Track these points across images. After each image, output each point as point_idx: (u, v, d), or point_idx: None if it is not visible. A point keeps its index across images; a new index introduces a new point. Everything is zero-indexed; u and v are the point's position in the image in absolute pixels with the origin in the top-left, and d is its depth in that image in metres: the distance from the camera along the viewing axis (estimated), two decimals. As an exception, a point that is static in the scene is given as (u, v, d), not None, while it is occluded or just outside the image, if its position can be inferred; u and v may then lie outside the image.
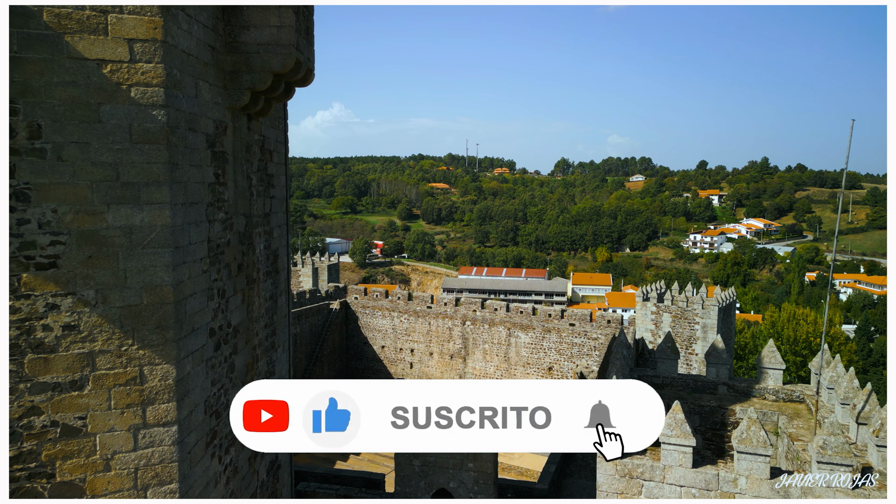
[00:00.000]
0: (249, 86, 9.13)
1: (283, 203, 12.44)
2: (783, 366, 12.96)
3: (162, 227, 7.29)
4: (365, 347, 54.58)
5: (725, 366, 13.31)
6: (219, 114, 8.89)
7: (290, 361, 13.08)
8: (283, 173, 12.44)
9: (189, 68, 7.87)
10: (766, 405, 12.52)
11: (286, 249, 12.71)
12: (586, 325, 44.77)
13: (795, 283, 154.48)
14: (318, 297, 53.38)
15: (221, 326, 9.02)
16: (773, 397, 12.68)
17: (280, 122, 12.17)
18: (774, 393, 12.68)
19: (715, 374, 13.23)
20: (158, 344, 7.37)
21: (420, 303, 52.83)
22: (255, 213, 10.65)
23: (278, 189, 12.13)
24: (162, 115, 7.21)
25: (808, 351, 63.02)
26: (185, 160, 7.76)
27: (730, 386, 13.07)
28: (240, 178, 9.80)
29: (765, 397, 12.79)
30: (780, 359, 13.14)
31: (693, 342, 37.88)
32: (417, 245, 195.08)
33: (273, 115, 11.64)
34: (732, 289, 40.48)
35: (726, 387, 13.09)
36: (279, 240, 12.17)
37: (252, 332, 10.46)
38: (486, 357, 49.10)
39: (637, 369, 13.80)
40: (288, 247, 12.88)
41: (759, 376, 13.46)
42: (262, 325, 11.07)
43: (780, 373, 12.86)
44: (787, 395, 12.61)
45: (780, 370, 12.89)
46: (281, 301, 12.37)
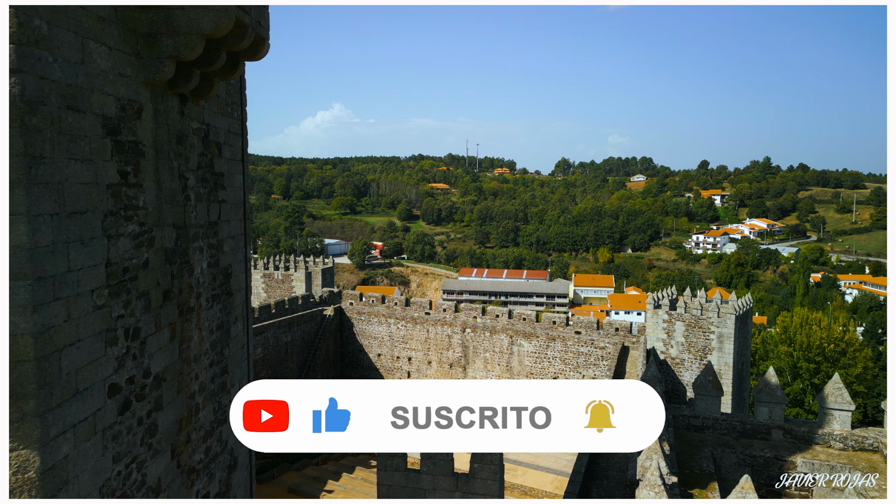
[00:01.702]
0: (172, 53, 6.78)
1: (238, 209, 10.10)
2: (852, 406, 10.65)
3: (16, 249, 4.94)
4: (360, 355, 52.20)
5: (780, 405, 10.96)
6: (127, 90, 6.54)
7: (249, 402, 10.71)
8: (238, 172, 10.09)
9: (69, 22, 5.53)
10: (833, 455, 10.22)
11: (244, 265, 10.38)
12: (593, 332, 42.39)
13: (800, 285, 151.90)
14: (312, 303, 51.04)
15: (132, 378, 6.67)
16: (841, 445, 10.38)
17: (233, 109, 9.82)
18: (842, 440, 10.37)
19: (767, 414, 10.90)
20: (14, 421, 5.03)
21: (418, 309, 50.47)
22: (194, 223, 8.30)
23: (231, 191, 9.78)
24: (14, 86, 4.88)
25: (821, 358, 60.60)
26: (61, 152, 5.42)
27: (786, 430, 10.75)
28: (166, 177, 7.45)
29: (830, 445, 10.48)
30: (849, 397, 10.81)
31: (708, 353, 35.50)
32: (417, 246, 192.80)
33: (221, 99, 9.30)
34: (749, 295, 38.13)
35: (782, 431, 10.76)
36: (233, 254, 9.83)
37: (188, 376, 8.12)
38: (488, 366, 46.72)
39: (672, 406, 11.49)
40: (247, 262, 10.55)
41: (821, 418, 11.14)
42: (205, 365, 8.72)
43: (847, 415, 10.53)
44: (857, 442, 10.30)
45: (849, 411, 10.55)
46: (236, 330, 10.03)
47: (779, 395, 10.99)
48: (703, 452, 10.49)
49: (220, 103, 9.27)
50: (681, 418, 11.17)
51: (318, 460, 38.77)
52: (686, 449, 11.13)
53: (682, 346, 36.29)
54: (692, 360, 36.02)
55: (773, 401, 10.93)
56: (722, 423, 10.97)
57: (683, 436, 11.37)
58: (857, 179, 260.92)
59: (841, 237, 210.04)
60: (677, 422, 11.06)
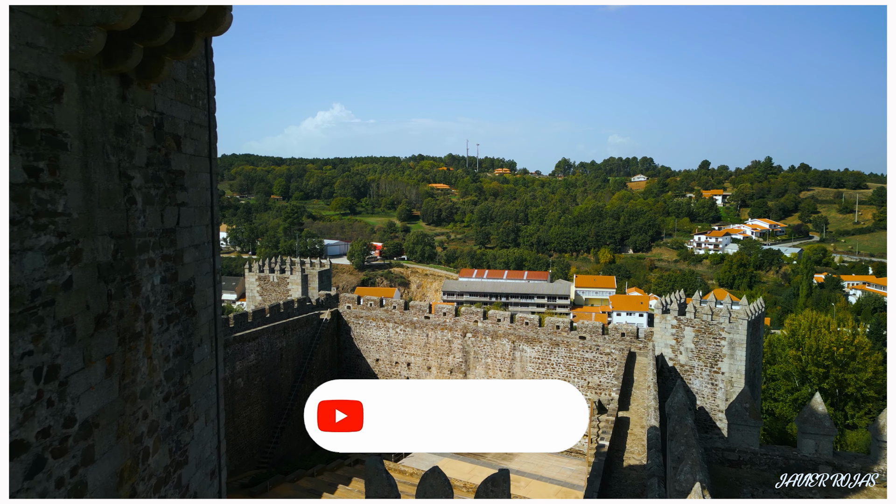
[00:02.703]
0: (100, 20, 5.40)
1: (203, 213, 8.71)
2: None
3: None
4: (358, 361, 50.79)
5: (828, 437, 9.58)
6: (39, 65, 5.15)
7: (219, 434, 9.33)
8: (204, 170, 8.70)
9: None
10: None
11: (211, 277, 8.99)
12: (598, 338, 40.97)
13: (804, 286, 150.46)
14: (308, 307, 49.63)
15: (47, 430, 5.28)
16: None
17: (197, 96, 8.43)
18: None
19: (814, 447, 9.53)
20: None
21: (417, 312, 49.07)
22: (141, 231, 6.91)
23: (195, 193, 8.39)
24: None
25: (830, 362, 59.15)
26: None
27: (836, 466, 9.38)
28: (100, 175, 6.06)
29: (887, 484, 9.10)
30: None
31: (719, 360, 34.07)
32: (417, 247, 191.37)
33: (181, 84, 7.91)
34: (761, 299, 36.67)
35: (830, 467, 9.40)
36: (196, 266, 8.44)
37: (133, 416, 6.72)
38: (489, 372, 45.30)
39: (705, 438, 10.13)
40: (215, 274, 9.16)
41: (874, 451, 9.76)
42: (158, 400, 7.33)
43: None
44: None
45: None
46: (201, 354, 8.63)
47: (827, 426, 9.61)
48: (742, 492, 9.13)
49: (178, 89, 7.88)
50: (713, 451, 9.79)
51: (314, 471, 37.40)
52: (722, 489, 9.77)
53: (691, 353, 34.89)
54: (702, 367, 34.61)
55: (821, 432, 9.55)
56: (762, 457, 9.60)
57: (717, 472, 10.01)
58: (859, 179, 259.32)
59: (844, 237, 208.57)
60: (710, 455, 9.68)
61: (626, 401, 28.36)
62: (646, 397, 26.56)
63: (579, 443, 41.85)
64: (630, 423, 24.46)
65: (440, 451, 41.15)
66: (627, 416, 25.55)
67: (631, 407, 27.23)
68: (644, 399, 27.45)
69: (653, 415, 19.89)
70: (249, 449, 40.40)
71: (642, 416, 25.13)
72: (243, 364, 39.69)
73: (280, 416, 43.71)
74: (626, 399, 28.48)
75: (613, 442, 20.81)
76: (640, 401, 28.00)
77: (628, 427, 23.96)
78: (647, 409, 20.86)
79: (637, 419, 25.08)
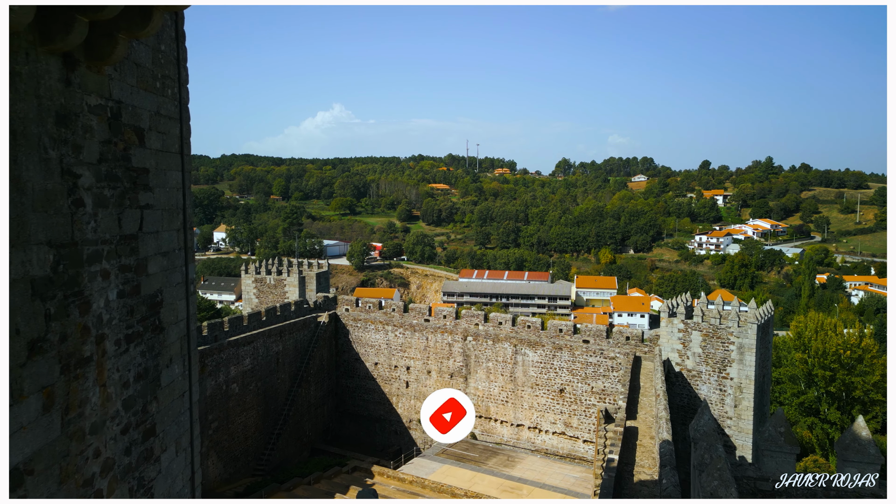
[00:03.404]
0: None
1: (174, 216, 7.72)
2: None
3: None
4: (356, 364, 49.78)
5: (874, 465, 8.60)
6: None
7: (193, 464, 8.33)
8: (174, 167, 7.71)
9: None
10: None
11: (184, 288, 8.00)
12: (602, 341, 39.97)
13: (806, 286, 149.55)
14: (306, 309, 48.63)
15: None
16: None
17: (166, 84, 7.44)
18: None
19: (858, 479, 8.54)
20: None
21: (417, 315, 48.07)
22: (91, 238, 5.93)
23: (162, 193, 7.40)
24: None
25: (837, 365, 58.14)
26: None
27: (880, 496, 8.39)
28: (34, 173, 5.08)
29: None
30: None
31: (727, 364, 33.05)
32: (417, 247, 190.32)
33: (144, 69, 6.93)
34: (770, 303, 35.65)
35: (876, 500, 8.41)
36: (164, 276, 7.45)
37: (79, 456, 5.74)
38: (490, 376, 44.29)
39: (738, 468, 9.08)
40: (188, 284, 8.18)
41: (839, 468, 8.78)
42: (114, 433, 6.35)
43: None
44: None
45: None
46: (170, 375, 7.64)
47: (871, 454, 8.62)
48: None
49: (141, 75, 6.89)
50: (744, 481, 8.80)
51: (311, 479, 36.40)
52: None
53: (698, 358, 33.88)
54: (710, 372, 33.61)
55: (865, 460, 8.57)
56: (799, 488, 8.60)
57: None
58: (861, 179, 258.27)
59: (845, 238, 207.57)
60: (740, 485, 8.70)
61: (633, 409, 27.33)
62: (654, 406, 25.50)
63: (583, 448, 40.82)
64: (639, 434, 23.44)
65: (440, 458, 40.11)
66: (635, 425, 24.52)
67: (639, 416, 26.19)
68: (652, 407, 26.42)
69: (664, 427, 18.82)
70: (244, 456, 39.39)
71: (651, 427, 24.09)
72: (238, 369, 38.68)
73: (276, 421, 42.70)
74: (634, 407, 27.45)
75: (622, 454, 19.79)
76: (648, 409, 26.95)
77: (637, 438, 22.95)
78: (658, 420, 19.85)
79: (646, 429, 24.05)
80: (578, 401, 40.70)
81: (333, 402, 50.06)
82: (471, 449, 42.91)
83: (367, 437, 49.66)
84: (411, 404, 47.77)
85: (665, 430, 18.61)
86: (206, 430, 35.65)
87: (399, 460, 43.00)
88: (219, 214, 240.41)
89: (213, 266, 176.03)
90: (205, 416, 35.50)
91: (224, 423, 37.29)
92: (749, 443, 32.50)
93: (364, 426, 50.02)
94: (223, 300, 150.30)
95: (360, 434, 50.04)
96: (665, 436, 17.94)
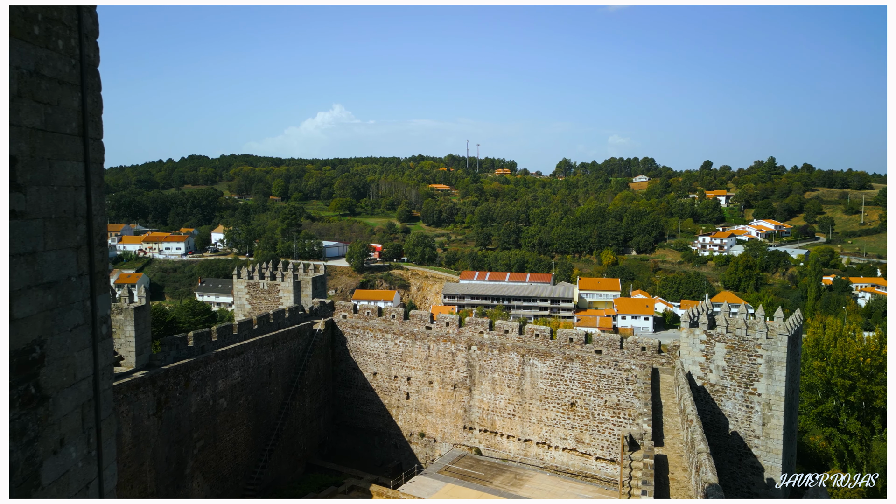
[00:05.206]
0: None
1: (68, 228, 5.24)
2: None
3: None
4: (354, 374, 47.22)
5: None
6: None
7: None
8: (70, 156, 5.26)
9: None
10: None
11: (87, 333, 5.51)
12: (616, 351, 37.46)
13: (812, 288, 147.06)
14: (301, 316, 46.07)
15: None
16: None
17: (50, 33, 4.95)
18: None
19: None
20: None
21: (418, 322, 45.51)
22: None
23: (46, 194, 4.95)
24: None
25: (857, 373, 55.60)
26: None
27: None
28: None
29: None
30: None
31: (755, 379, 30.53)
32: (417, 248, 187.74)
33: (11, 9, 4.42)
34: (798, 312, 33.14)
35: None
36: (49, 319, 4.97)
37: None
38: (496, 388, 41.75)
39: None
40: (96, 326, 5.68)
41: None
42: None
43: None
44: None
45: None
46: (60, 465, 5.16)
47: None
48: None
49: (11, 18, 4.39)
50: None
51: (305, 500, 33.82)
52: None
53: (723, 371, 31.37)
54: (735, 387, 31.10)
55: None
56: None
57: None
58: (864, 180, 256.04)
59: (850, 238, 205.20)
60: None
61: (658, 432, 24.79)
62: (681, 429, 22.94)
63: (596, 466, 38.29)
64: (669, 465, 20.86)
65: (442, 477, 37.60)
66: (663, 453, 21.92)
67: (665, 441, 23.63)
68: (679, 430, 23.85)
69: (707, 465, 16.00)
70: (233, 476, 36.83)
71: (682, 456, 21.54)
72: (227, 382, 36.14)
73: (268, 437, 40.15)
74: (659, 430, 24.88)
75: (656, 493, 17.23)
76: (675, 432, 24.42)
77: (667, 470, 20.34)
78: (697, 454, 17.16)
79: (676, 458, 21.49)
80: (591, 415, 38.16)
81: (330, 414, 47.53)
82: (475, 466, 40.39)
83: (366, 452, 47.12)
84: (412, 417, 45.25)
85: (709, 468, 15.85)
86: (191, 449, 33.09)
87: (399, 478, 40.49)
88: (217, 215, 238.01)
89: (211, 268, 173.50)
90: (189, 435, 32.94)
91: (211, 442, 34.76)
92: (778, 464, 30.01)
93: (362, 440, 47.49)
94: (220, 302, 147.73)
95: (358, 448, 47.50)
96: (710, 477, 15.25)
